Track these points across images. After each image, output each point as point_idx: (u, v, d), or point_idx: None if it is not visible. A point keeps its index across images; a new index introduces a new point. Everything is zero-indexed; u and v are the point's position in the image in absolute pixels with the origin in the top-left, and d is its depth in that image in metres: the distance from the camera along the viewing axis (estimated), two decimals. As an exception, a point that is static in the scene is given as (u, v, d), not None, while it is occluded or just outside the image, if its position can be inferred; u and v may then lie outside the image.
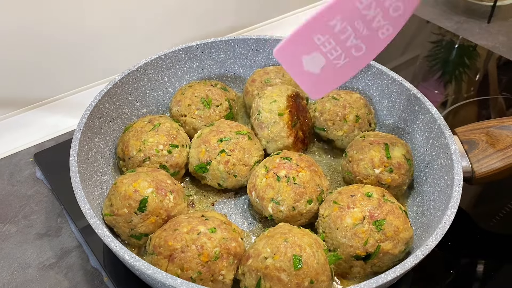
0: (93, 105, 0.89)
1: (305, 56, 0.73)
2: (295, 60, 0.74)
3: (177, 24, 1.27)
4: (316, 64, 0.74)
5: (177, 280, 0.63)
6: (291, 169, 0.82)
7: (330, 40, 0.72)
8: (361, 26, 0.70)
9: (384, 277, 0.64)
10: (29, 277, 0.83)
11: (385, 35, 0.72)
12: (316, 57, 0.73)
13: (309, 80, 0.77)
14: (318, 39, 0.72)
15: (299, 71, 0.75)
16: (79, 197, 0.74)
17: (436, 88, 1.30)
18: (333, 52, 0.73)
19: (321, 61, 0.73)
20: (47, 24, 1.06)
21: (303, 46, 0.73)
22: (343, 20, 0.70)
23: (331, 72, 0.75)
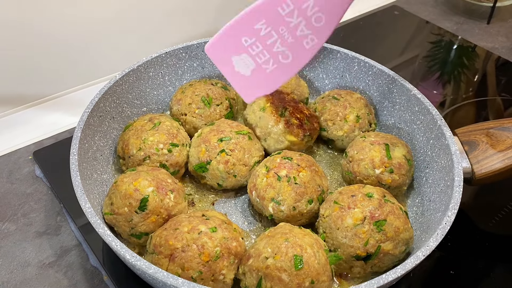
0: (94, 103, 0.88)
1: (234, 56, 0.75)
2: (225, 58, 0.76)
3: (178, 22, 1.27)
4: (246, 66, 0.76)
5: (178, 280, 0.62)
6: (292, 169, 0.82)
7: (257, 43, 0.74)
8: (286, 33, 0.72)
9: (385, 278, 0.64)
10: (28, 275, 0.83)
11: (309, 45, 0.73)
12: (245, 59, 0.75)
13: (241, 82, 0.78)
14: (245, 41, 0.74)
15: (230, 70, 0.77)
16: (79, 195, 0.74)
17: (434, 88, 1.31)
18: (261, 56, 0.74)
19: (251, 63, 0.75)
20: (48, 21, 1.05)
21: (232, 45, 0.75)
22: (268, 25, 0.72)
23: (262, 76, 0.76)
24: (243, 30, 0.73)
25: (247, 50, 0.74)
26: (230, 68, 0.77)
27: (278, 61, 0.75)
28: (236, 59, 0.75)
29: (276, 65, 0.75)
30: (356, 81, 1.08)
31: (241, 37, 0.73)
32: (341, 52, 1.07)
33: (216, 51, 0.77)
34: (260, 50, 0.74)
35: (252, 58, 0.75)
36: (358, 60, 1.05)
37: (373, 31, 1.51)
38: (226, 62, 0.77)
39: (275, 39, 0.73)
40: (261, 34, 0.73)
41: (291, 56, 0.74)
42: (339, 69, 1.09)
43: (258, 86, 0.78)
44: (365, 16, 1.57)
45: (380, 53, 1.41)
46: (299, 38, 0.72)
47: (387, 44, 1.48)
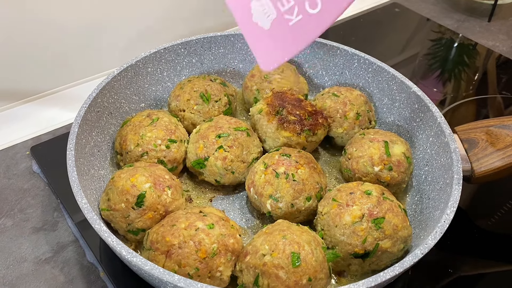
0: (91, 98, 0.88)
1: (254, 0, 0.64)
2: (244, 4, 0.65)
3: (177, 18, 1.26)
4: (266, 15, 0.64)
5: (174, 277, 0.62)
6: (290, 166, 0.82)
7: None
8: None
9: (383, 276, 0.64)
10: (24, 271, 0.82)
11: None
12: (265, 4, 0.63)
13: (258, 39, 0.66)
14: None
15: (248, 22, 0.65)
16: (76, 191, 0.73)
17: (435, 86, 1.30)
18: (284, 2, 0.62)
19: (272, 11, 0.63)
20: (46, 16, 1.05)
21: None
22: None
23: (283, 31, 0.64)
24: None
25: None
26: (247, 18, 0.65)
27: (304, 10, 0.62)
28: (255, 5, 0.63)
29: (301, 16, 0.62)
30: (356, 78, 1.08)
31: None
32: (341, 48, 1.06)
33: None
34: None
35: (274, 3, 0.63)
36: (358, 57, 1.05)
37: (373, 29, 1.51)
38: (244, 10, 0.65)
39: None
40: None
41: (320, 4, 0.61)
42: (339, 65, 1.08)
43: (277, 46, 0.65)
44: (365, 13, 1.56)
45: (381, 51, 1.40)
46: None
47: (387, 41, 1.47)
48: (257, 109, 0.95)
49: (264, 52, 0.67)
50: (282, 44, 0.65)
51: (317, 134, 0.93)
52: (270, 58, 0.67)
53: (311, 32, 0.63)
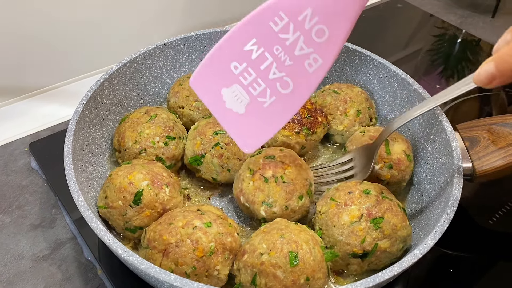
0: (89, 95, 0.87)
1: (224, 88, 0.63)
2: (214, 92, 0.64)
3: (176, 13, 1.25)
4: (239, 101, 0.64)
5: (170, 276, 0.61)
6: (277, 168, 0.80)
7: (249, 69, 0.62)
8: (282, 54, 0.60)
9: (382, 276, 0.63)
10: (22, 268, 0.82)
11: (313, 67, 0.60)
12: (237, 91, 0.63)
13: (235, 123, 0.66)
14: (235, 68, 0.62)
15: (221, 108, 0.65)
16: (72, 189, 0.73)
17: (437, 82, 1.29)
18: (255, 86, 0.63)
19: (244, 97, 0.63)
20: (45, 12, 1.04)
21: (221, 74, 0.63)
22: (260, 45, 0.60)
23: (259, 113, 0.64)
24: (231, 53, 0.61)
25: (238, 79, 0.62)
26: (220, 105, 0.64)
27: (277, 92, 0.62)
28: (227, 93, 0.63)
29: (274, 97, 0.62)
30: (356, 74, 1.06)
31: (230, 62, 0.62)
32: (342, 45, 1.05)
33: (203, 83, 0.65)
34: (253, 78, 0.62)
35: (245, 89, 0.62)
36: (359, 53, 1.04)
37: (375, 24, 1.49)
38: (215, 98, 0.64)
39: (270, 63, 0.61)
40: (252, 57, 0.61)
41: (291, 84, 0.61)
42: (340, 62, 1.07)
43: (255, 129, 0.65)
44: (367, 8, 1.55)
45: (383, 47, 1.39)
46: (299, 59, 0.60)
47: (390, 37, 1.46)
48: None
49: (243, 135, 0.67)
50: (259, 126, 0.65)
51: (316, 133, 0.92)
52: (249, 140, 0.67)
53: (287, 110, 0.64)
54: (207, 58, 0.63)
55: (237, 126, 0.67)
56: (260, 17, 0.60)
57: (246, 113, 0.65)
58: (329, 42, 0.59)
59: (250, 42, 0.61)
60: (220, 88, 0.64)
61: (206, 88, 0.65)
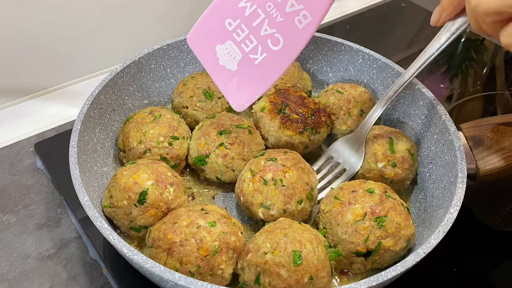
0: (94, 95, 0.88)
1: (219, 45, 0.66)
2: (209, 49, 0.66)
3: (181, 13, 1.25)
4: (232, 57, 0.66)
5: (175, 275, 0.62)
6: (277, 171, 0.80)
7: (242, 26, 0.64)
8: (274, 10, 0.62)
9: (385, 275, 0.63)
10: (28, 267, 0.83)
11: (303, 23, 0.62)
12: (230, 48, 0.65)
13: (227, 80, 0.68)
14: (229, 24, 0.64)
15: (215, 65, 0.67)
16: (78, 188, 0.73)
17: (441, 82, 1.29)
18: (247, 43, 0.65)
19: (237, 53, 0.65)
20: (50, 13, 1.05)
21: (216, 31, 0.65)
22: (253, 2, 0.62)
23: (250, 70, 0.66)
24: (226, 10, 0.64)
25: (231, 35, 0.65)
26: (214, 62, 0.67)
27: (268, 48, 0.64)
28: (220, 50, 0.66)
29: (265, 54, 0.65)
30: (360, 74, 1.07)
31: (225, 19, 0.64)
32: (345, 44, 1.05)
33: (199, 41, 0.67)
34: (246, 35, 0.64)
35: (238, 45, 0.65)
36: (363, 53, 1.04)
37: (379, 24, 1.49)
38: (210, 55, 0.67)
39: (262, 19, 0.63)
40: (246, 14, 0.63)
41: (282, 41, 0.63)
42: (343, 62, 1.08)
43: (247, 86, 0.67)
44: (371, 8, 1.55)
45: (387, 46, 1.39)
46: (289, 15, 0.62)
47: (394, 36, 1.45)
48: (259, 107, 0.94)
49: (234, 93, 0.69)
50: (250, 83, 0.67)
51: (320, 133, 0.92)
52: (240, 98, 0.69)
53: (277, 67, 0.66)
54: (204, 15, 0.65)
55: (230, 83, 0.68)
56: None
57: (238, 70, 0.67)
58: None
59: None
60: (215, 44, 0.66)
61: (202, 45, 0.67)
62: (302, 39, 0.63)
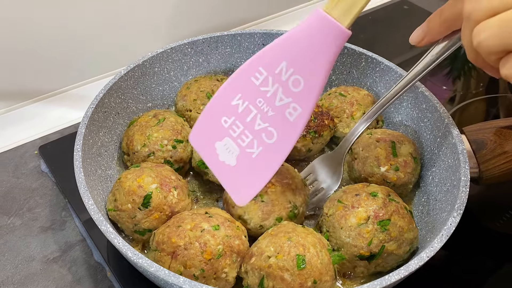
0: (98, 99, 0.88)
1: (218, 142, 0.69)
2: (209, 147, 0.69)
3: (183, 17, 1.26)
4: (230, 153, 0.68)
5: (179, 278, 0.62)
6: None
7: (237, 122, 0.67)
8: (265, 105, 0.65)
9: (388, 279, 0.63)
10: (33, 270, 0.83)
11: (293, 116, 0.64)
12: (228, 144, 0.68)
13: (228, 175, 0.70)
14: (225, 122, 0.67)
15: (216, 161, 0.70)
16: (82, 192, 0.74)
17: (444, 84, 1.29)
18: (243, 138, 0.67)
19: (234, 149, 0.68)
20: (53, 16, 1.05)
21: (214, 129, 0.68)
22: (244, 99, 0.65)
23: (249, 164, 0.68)
24: (221, 109, 0.67)
25: (228, 132, 0.67)
26: (215, 158, 0.69)
27: (263, 142, 0.66)
28: (219, 146, 0.69)
29: (261, 148, 0.67)
30: (363, 77, 1.07)
31: (221, 117, 0.67)
32: (348, 47, 1.05)
33: (200, 139, 0.70)
34: (241, 131, 0.67)
35: (235, 141, 0.67)
36: (366, 56, 1.04)
37: (382, 26, 1.49)
38: (210, 152, 0.69)
39: (255, 115, 0.65)
40: (239, 110, 0.66)
41: (275, 134, 0.66)
42: (346, 65, 1.08)
43: (247, 180, 0.69)
44: (374, 10, 1.55)
45: (390, 48, 1.39)
46: (279, 109, 0.64)
47: (396, 39, 1.46)
48: None
49: (236, 188, 0.71)
50: (250, 178, 0.69)
51: (323, 136, 0.92)
52: (243, 193, 0.71)
53: (274, 160, 0.67)
54: (202, 115, 0.69)
55: (231, 179, 0.71)
56: (243, 73, 0.65)
57: (237, 165, 0.69)
58: (306, 90, 0.63)
59: (236, 97, 0.66)
60: (214, 142, 0.69)
61: (203, 143, 0.71)
62: (295, 131, 0.65)
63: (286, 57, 0.63)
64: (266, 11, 1.43)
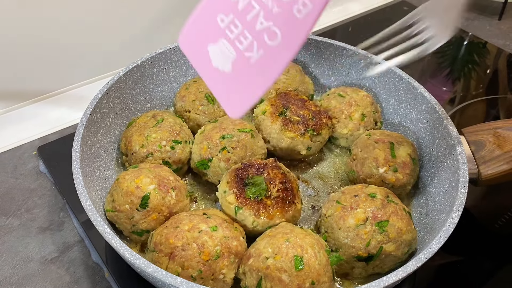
0: (97, 99, 0.88)
1: (211, 44, 0.58)
2: (201, 51, 0.59)
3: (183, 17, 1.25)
4: (226, 57, 0.58)
5: (176, 279, 0.62)
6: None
7: (235, 21, 0.57)
8: (270, 0, 0.55)
9: (386, 280, 0.63)
10: (31, 271, 0.83)
11: (302, 13, 0.54)
12: (223, 47, 0.58)
13: (221, 84, 0.61)
14: (221, 20, 0.57)
15: (208, 68, 0.60)
16: (80, 193, 0.73)
17: (444, 85, 1.29)
18: (242, 40, 0.57)
19: (231, 52, 0.58)
20: (52, 17, 1.05)
21: (208, 29, 0.58)
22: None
23: (246, 71, 0.58)
24: (218, 4, 0.57)
25: (224, 33, 0.57)
26: (207, 64, 0.60)
27: (264, 44, 0.56)
28: (213, 49, 0.58)
29: (262, 50, 0.56)
30: (362, 78, 1.07)
31: (217, 14, 0.57)
32: (347, 48, 1.05)
33: (190, 42, 0.60)
34: (240, 31, 0.57)
35: (232, 43, 0.57)
36: (365, 57, 1.04)
37: (382, 27, 1.49)
38: (202, 56, 0.60)
39: (257, 12, 0.55)
40: (239, 6, 0.56)
41: (279, 34, 0.55)
42: (345, 66, 1.08)
43: (242, 90, 0.60)
44: (373, 11, 1.55)
45: (389, 49, 1.39)
46: (287, 4, 0.54)
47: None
48: (261, 110, 0.94)
49: (230, 98, 0.62)
50: (246, 87, 0.60)
51: (321, 134, 0.93)
52: (236, 104, 0.61)
53: (275, 66, 0.57)
54: (194, 13, 0.60)
55: (224, 88, 0.61)
56: None
57: (233, 72, 0.59)
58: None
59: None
60: (207, 44, 0.59)
61: (193, 46, 0.61)
62: (302, 31, 0.54)
63: None
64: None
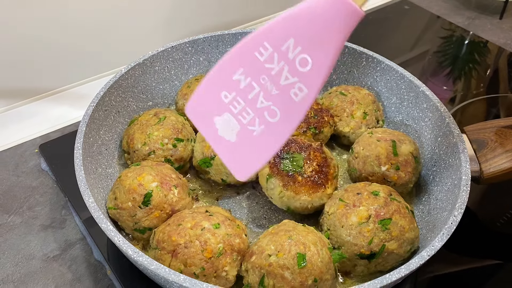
0: (99, 97, 0.88)
1: (217, 117, 0.64)
2: (207, 121, 0.65)
3: (184, 16, 1.26)
4: (230, 129, 0.64)
5: (179, 276, 0.62)
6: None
7: (238, 98, 0.63)
8: (268, 83, 0.61)
9: (389, 278, 0.63)
10: (33, 268, 0.83)
11: (299, 96, 0.60)
12: (228, 120, 0.64)
13: (227, 150, 0.66)
14: (225, 97, 0.63)
15: (214, 135, 0.66)
16: (83, 190, 0.73)
17: (444, 84, 1.29)
18: (244, 115, 0.63)
19: (235, 125, 0.64)
20: (55, 14, 1.05)
21: (213, 103, 0.64)
22: (247, 74, 0.61)
23: (249, 141, 0.64)
24: (221, 82, 0.63)
25: (228, 108, 0.63)
26: (213, 132, 0.65)
27: (265, 120, 0.62)
28: (219, 121, 0.64)
29: (263, 126, 0.63)
30: (364, 76, 1.07)
31: (221, 91, 0.63)
32: (349, 47, 1.05)
33: (197, 111, 0.66)
34: (242, 107, 0.63)
35: (235, 117, 0.63)
36: (366, 55, 1.04)
37: (382, 26, 1.49)
38: (208, 125, 0.65)
39: (257, 92, 0.61)
40: (241, 86, 0.62)
41: (279, 113, 0.62)
42: (347, 64, 1.08)
43: (247, 157, 0.66)
44: (374, 10, 1.55)
45: (390, 48, 1.39)
46: (284, 88, 0.60)
47: (397, 39, 1.46)
48: None
49: (236, 163, 0.67)
50: (251, 154, 0.65)
51: (323, 132, 0.93)
52: (242, 169, 0.66)
53: (277, 139, 0.63)
54: (200, 88, 0.65)
55: (230, 153, 0.67)
56: (246, 47, 0.61)
57: (238, 141, 0.65)
58: (313, 71, 0.59)
59: (238, 71, 0.62)
60: (213, 116, 0.65)
61: (200, 116, 0.66)
62: (300, 111, 0.61)
63: (294, 34, 0.58)
64: (267, 10, 1.43)
